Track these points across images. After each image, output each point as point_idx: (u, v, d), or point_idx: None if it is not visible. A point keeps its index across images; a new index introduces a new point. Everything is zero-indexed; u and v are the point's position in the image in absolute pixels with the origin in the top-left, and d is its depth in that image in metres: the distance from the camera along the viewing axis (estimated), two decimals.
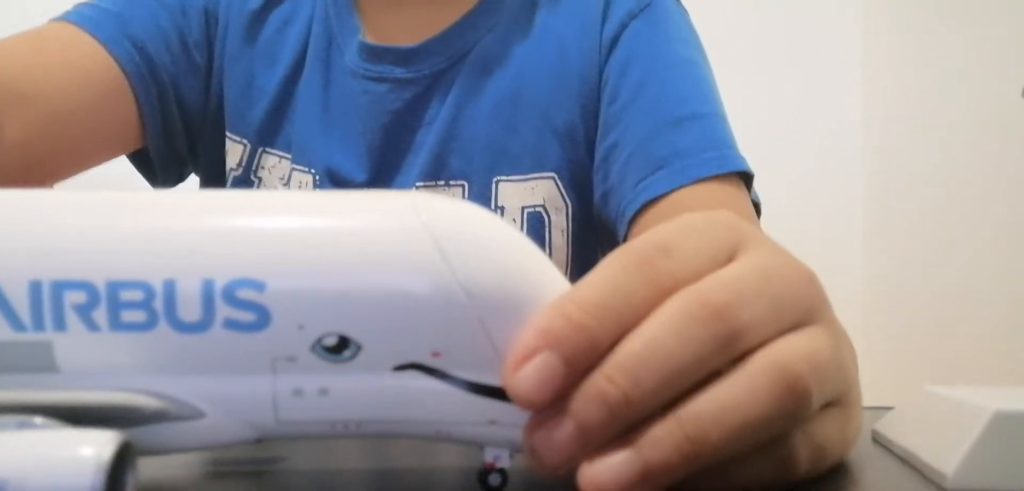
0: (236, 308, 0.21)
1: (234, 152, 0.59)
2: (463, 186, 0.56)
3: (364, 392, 0.22)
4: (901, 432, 0.32)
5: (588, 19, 0.57)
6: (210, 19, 0.58)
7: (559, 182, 0.56)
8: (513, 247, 0.23)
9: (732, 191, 0.51)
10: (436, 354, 0.22)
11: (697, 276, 0.22)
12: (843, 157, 1.58)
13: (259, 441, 0.23)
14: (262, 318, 0.21)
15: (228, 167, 0.59)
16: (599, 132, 0.56)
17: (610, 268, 0.22)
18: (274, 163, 0.58)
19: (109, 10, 0.54)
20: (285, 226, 0.22)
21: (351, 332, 0.22)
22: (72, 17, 0.53)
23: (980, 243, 1.25)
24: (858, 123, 1.58)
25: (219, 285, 0.21)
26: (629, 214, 0.51)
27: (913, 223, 1.43)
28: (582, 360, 0.21)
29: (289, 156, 0.58)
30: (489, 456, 0.23)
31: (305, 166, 0.57)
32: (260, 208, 0.22)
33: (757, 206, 0.54)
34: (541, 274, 0.23)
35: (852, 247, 1.56)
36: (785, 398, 0.21)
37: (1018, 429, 0.26)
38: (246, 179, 0.59)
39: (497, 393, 0.22)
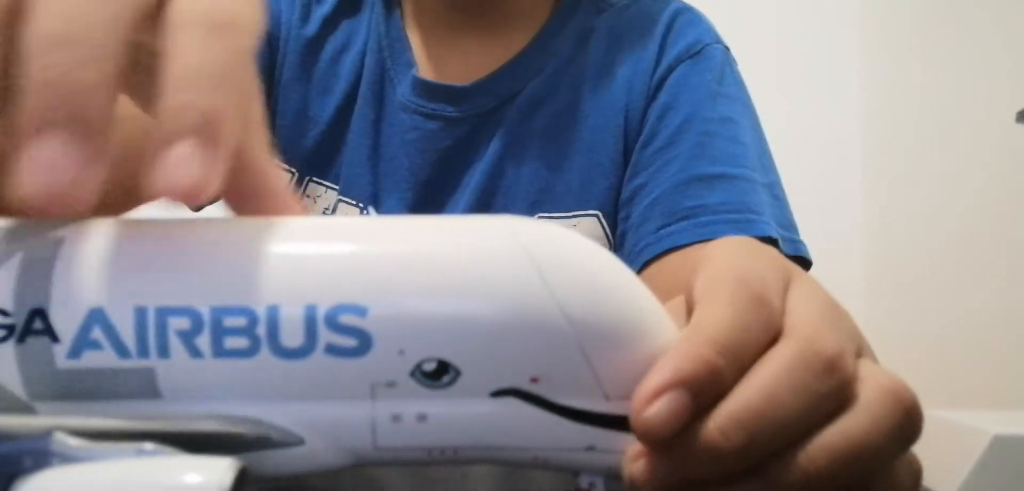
0: (338, 334, 0.21)
1: None
2: None
3: (462, 418, 0.22)
4: None
5: (643, 62, 0.57)
6: (272, 48, 0.59)
7: (603, 220, 0.56)
8: (610, 270, 0.23)
9: None
10: (535, 380, 0.22)
11: (790, 314, 0.23)
12: (842, 183, 1.59)
13: (355, 467, 0.23)
14: (364, 343, 0.21)
15: None
16: (629, 171, 0.56)
17: (729, 304, 0.22)
18: (320, 193, 0.58)
19: None
20: (385, 251, 0.22)
21: (451, 357, 0.22)
22: None
23: (980, 266, 1.26)
24: (857, 149, 1.60)
25: (322, 311, 0.21)
26: (647, 256, 0.52)
27: (913, 247, 1.44)
28: (709, 397, 0.21)
29: (337, 187, 0.58)
30: (584, 482, 0.23)
31: (353, 199, 0.57)
32: (360, 233, 0.23)
33: (805, 260, 0.55)
34: (638, 298, 0.23)
35: (851, 271, 1.57)
36: (904, 422, 0.22)
37: (1018, 452, 0.27)
38: None
39: (596, 419, 0.22)
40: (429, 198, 0.56)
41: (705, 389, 0.21)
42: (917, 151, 1.44)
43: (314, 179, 0.58)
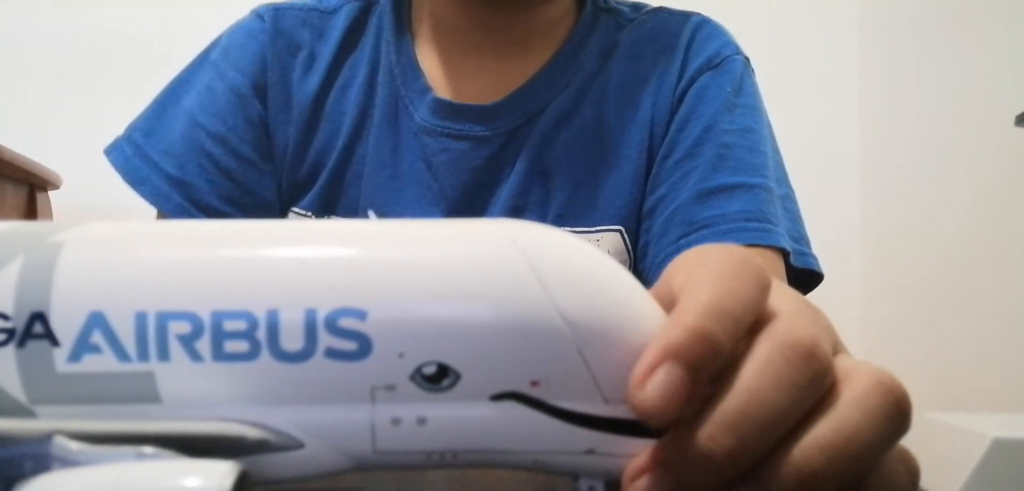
0: (338, 337, 0.21)
1: None
2: None
3: (462, 422, 0.22)
4: None
5: (668, 76, 0.57)
6: (268, 128, 0.59)
7: (625, 235, 0.56)
8: (610, 275, 0.23)
9: (771, 264, 0.52)
10: (534, 383, 0.22)
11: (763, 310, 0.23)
12: (840, 186, 1.59)
13: (356, 471, 0.23)
14: (363, 347, 0.21)
15: None
16: (650, 183, 0.56)
17: (717, 272, 0.22)
18: None
19: (195, 198, 0.56)
20: (385, 255, 0.22)
21: (450, 360, 0.22)
22: (170, 209, 0.55)
23: (979, 269, 1.26)
24: (855, 152, 1.60)
25: (321, 315, 0.21)
26: (667, 266, 0.52)
27: (911, 250, 1.44)
28: (706, 366, 0.21)
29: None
30: (584, 486, 0.23)
31: None
32: (360, 237, 0.23)
33: (815, 274, 0.55)
34: (638, 301, 0.23)
35: (849, 274, 1.57)
36: (894, 413, 0.22)
37: (1018, 455, 0.27)
38: None
39: (595, 422, 0.22)
40: (461, 217, 0.56)
41: (699, 356, 0.20)
42: (915, 155, 1.44)
43: (332, 216, 0.58)
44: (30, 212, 1.38)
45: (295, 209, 0.59)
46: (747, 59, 0.59)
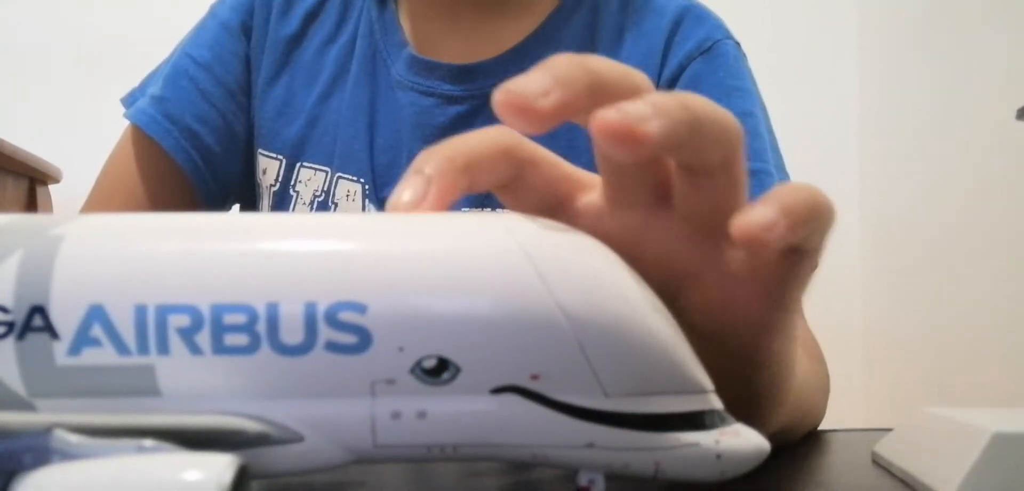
0: (338, 331, 0.21)
1: (271, 169, 0.60)
2: None
3: (462, 415, 0.22)
4: (901, 453, 0.33)
5: (651, 53, 0.57)
6: (249, 65, 0.61)
7: None
8: (609, 267, 0.23)
9: None
10: (534, 377, 0.22)
11: None
12: (839, 181, 1.59)
13: (355, 463, 0.23)
14: (363, 341, 0.21)
15: (266, 184, 0.60)
16: None
17: None
18: (309, 176, 0.59)
19: (170, 112, 0.58)
20: (385, 248, 0.22)
21: (450, 354, 0.22)
22: (141, 120, 0.58)
23: (979, 263, 1.26)
24: (854, 146, 1.60)
25: (321, 308, 0.21)
26: None
27: (911, 245, 1.44)
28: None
29: (327, 169, 0.58)
30: (583, 480, 0.23)
31: (353, 175, 0.57)
32: (360, 231, 0.23)
33: None
34: (637, 293, 0.23)
35: (850, 269, 1.57)
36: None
37: (1018, 450, 0.27)
38: (284, 193, 0.59)
39: (595, 416, 0.22)
40: None
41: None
42: (915, 148, 1.44)
43: (304, 164, 0.59)
44: (30, 205, 1.39)
45: (263, 152, 0.60)
46: (738, 43, 0.59)
